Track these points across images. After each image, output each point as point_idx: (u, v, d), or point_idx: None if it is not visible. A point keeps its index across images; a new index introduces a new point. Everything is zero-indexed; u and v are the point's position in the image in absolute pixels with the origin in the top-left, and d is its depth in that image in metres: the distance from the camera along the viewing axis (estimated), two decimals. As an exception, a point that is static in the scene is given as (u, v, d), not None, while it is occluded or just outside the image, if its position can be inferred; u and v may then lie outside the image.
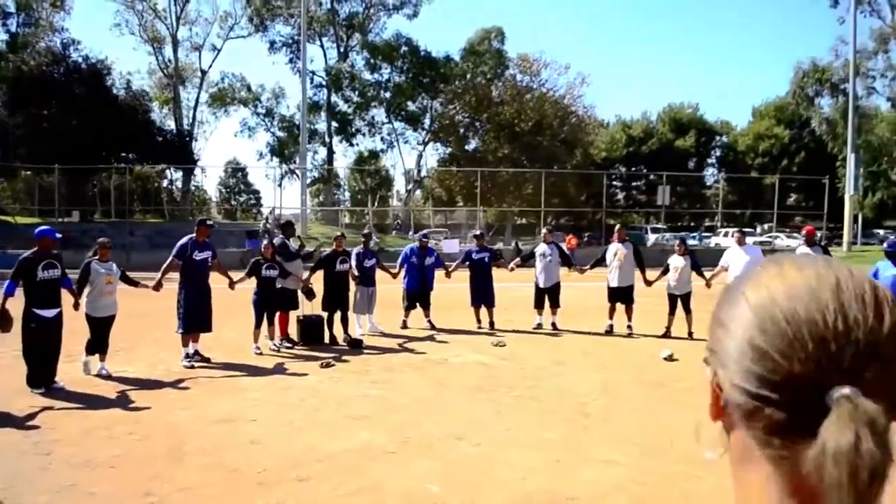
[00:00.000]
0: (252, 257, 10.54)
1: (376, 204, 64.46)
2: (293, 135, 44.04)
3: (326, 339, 10.75)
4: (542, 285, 12.50)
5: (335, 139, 43.97)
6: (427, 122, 44.62)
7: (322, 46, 43.68)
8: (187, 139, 42.42)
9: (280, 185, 44.13)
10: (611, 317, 12.29)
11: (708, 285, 11.91)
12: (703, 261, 12.35)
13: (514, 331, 12.15)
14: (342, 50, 43.66)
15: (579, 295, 14.87)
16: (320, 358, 9.56)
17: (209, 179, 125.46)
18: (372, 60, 41.69)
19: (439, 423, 6.55)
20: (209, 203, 60.36)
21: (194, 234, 9.41)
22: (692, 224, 55.95)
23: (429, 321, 12.36)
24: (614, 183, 58.15)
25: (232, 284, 9.81)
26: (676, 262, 11.89)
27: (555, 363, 9.59)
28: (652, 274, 12.18)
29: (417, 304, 12.45)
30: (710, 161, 64.47)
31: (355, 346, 10.42)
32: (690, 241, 36.76)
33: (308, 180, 48.01)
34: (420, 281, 12.37)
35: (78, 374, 8.32)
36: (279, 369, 8.97)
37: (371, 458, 5.58)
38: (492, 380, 8.45)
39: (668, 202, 36.51)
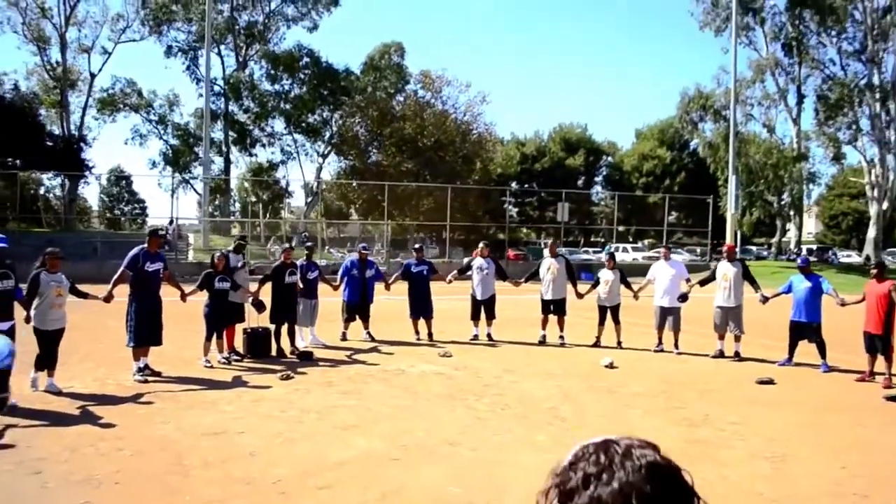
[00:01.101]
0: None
1: (268, 216, 63.30)
2: (188, 143, 42.67)
3: (273, 352, 10.65)
4: (479, 297, 12.85)
5: (234, 149, 42.98)
6: (327, 134, 44.36)
7: (220, 54, 42.61)
8: (76, 146, 40.22)
9: (174, 195, 42.59)
10: (543, 327, 12.78)
11: (636, 297, 12.67)
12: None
13: (451, 342, 12.42)
14: (241, 59, 42.79)
15: (508, 307, 15.33)
16: (273, 370, 9.50)
17: (91, 187, 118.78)
18: (272, 71, 41.08)
19: (428, 430, 6.72)
20: (90, 212, 57.28)
21: (146, 245, 9.15)
22: (581, 239, 58.42)
23: (368, 333, 12.45)
24: (509, 199, 59.71)
25: (184, 297, 9.58)
26: (606, 275, 12.55)
27: (506, 372, 9.92)
28: (582, 287, 12.82)
29: (357, 317, 12.51)
30: (597, 179, 67.35)
31: (305, 358, 10.39)
32: (583, 256, 38.65)
33: (201, 190, 46.74)
34: (360, 293, 12.44)
35: (26, 391, 7.92)
36: (239, 382, 8.85)
37: (378, 464, 5.69)
38: (456, 389, 8.67)
39: (567, 218, 37.93)
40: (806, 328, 10.73)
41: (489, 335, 12.81)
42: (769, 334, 12.64)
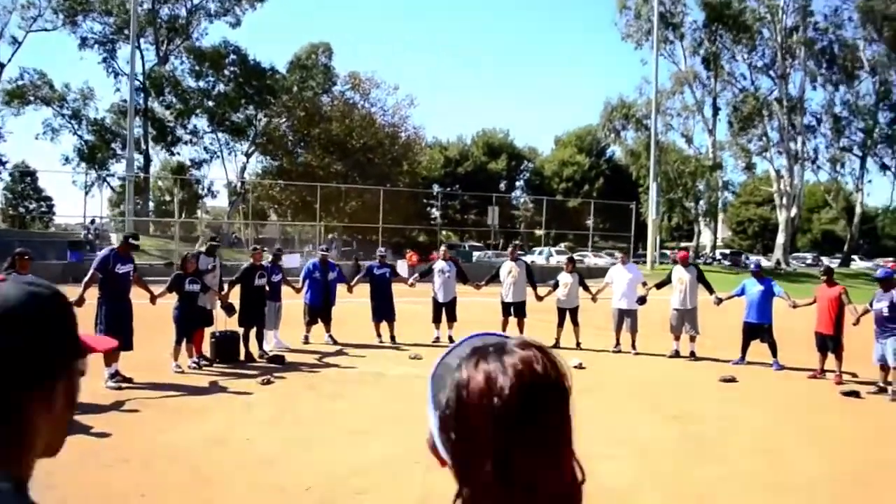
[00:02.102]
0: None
1: (183, 215, 61.46)
2: (104, 140, 40.91)
3: (242, 356, 10.40)
4: (440, 300, 12.91)
5: (155, 146, 41.48)
6: (252, 133, 43.40)
7: (139, 48, 41.03)
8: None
9: (87, 193, 40.65)
10: (504, 329, 12.94)
11: (594, 299, 12.99)
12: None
13: (414, 344, 12.41)
14: (161, 53, 41.34)
15: (468, 309, 15.42)
16: (247, 375, 9.30)
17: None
18: (197, 67, 39.89)
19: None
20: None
21: (116, 246, 8.79)
22: (503, 242, 59.26)
23: (329, 336, 12.32)
24: (438, 203, 60.06)
25: (153, 299, 9.25)
26: (565, 278, 12.84)
27: (478, 375, 10.00)
28: (541, 290, 13.07)
29: (318, 319, 12.36)
30: (518, 184, 68.48)
31: (277, 361, 10.19)
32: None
33: (119, 188, 44.95)
34: (322, 296, 12.29)
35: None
36: (218, 388, 8.61)
37: (404, 469, 5.65)
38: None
39: (497, 222, 38.43)
40: (758, 329, 11.29)
41: (450, 337, 12.85)
42: (720, 335, 13.19)
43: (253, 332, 10.59)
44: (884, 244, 76.46)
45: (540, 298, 12.94)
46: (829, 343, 10.27)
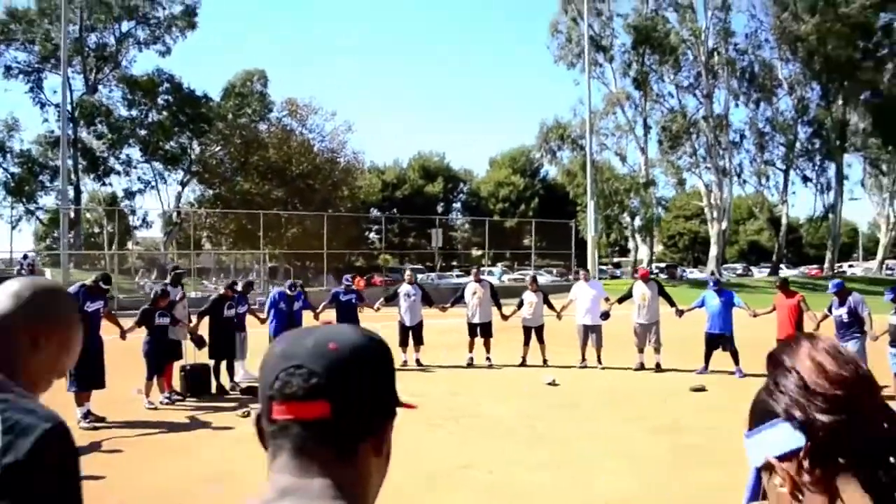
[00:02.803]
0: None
1: (114, 247, 59.57)
2: (32, 171, 39.44)
3: (213, 389, 10.16)
4: (407, 324, 12.89)
5: (85, 177, 40.19)
6: (187, 162, 42.57)
7: (67, 77, 39.83)
8: None
9: (14, 228, 39.01)
10: (471, 350, 13.02)
11: (559, 317, 13.18)
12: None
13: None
14: (90, 82, 40.22)
15: (433, 332, 15.44)
16: (223, 408, 9.09)
17: None
18: (130, 96, 38.94)
19: (432, 456, 6.71)
20: None
21: (87, 282, 8.50)
22: (443, 265, 59.51)
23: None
24: (383, 227, 59.88)
25: (123, 334, 8.97)
26: (530, 297, 13.01)
27: (453, 395, 10.05)
28: (506, 309, 13.21)
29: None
30: (455, 206, 68.99)
31: (252, 393, 9.97)
32: (454, 281, 39.38)
33: (47, 221, 43.41)
34: (287, 327, 12.09)
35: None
36: (198, 424, 8.38)
37: (414, 494, 5.63)
38: (426, 413, 8.67)
39: (441, 244, 38.61)
40: (720, 338, 11.68)
41: (418, 360, 12.87)
42: (683, 346, 13.53)
43: (223, 364, 10.36)
44: (805, 252, 80.00)
45: (505, 318, 13.09)
46: (790, 349, 10.67)
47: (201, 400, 9.71)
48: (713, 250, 44.93)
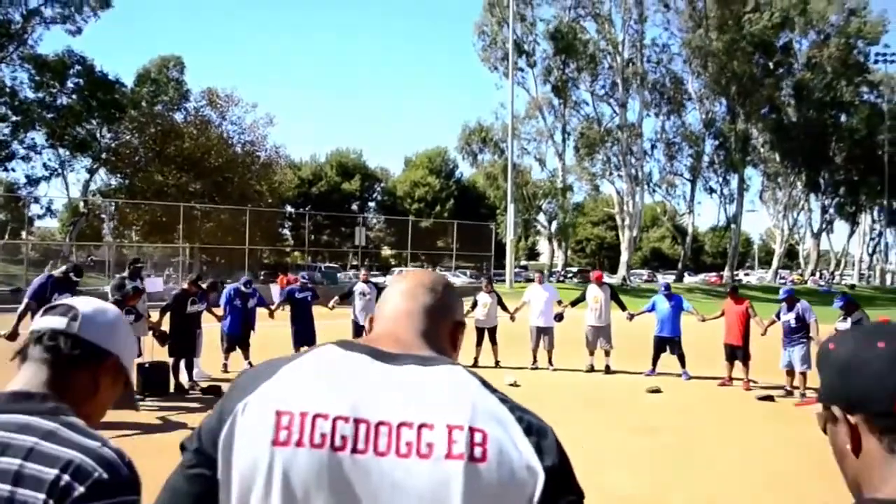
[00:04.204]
0: None
1: (6, 237, 56.24)
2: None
3: (172, 388, 9.78)
4: (361, 323, 12.76)
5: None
6: (97, 149, 40.55)
7: (-35, 54, 37.25)
8: None
9: None
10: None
11: (512, 318, 13.35)
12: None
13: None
14: (-9, 61, 37.71)
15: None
16: (189, 408, 8.77)
17: None
18: (37, 77, 36.73)
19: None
20: None
21: (55, 273, 8.05)
22: (355, 264, 59.01)
23: (249, 363, 11.84)
24: (285, 223, 58.78)
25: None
26: (484, 298, 13.16)
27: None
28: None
29: (237, 346, 11.85)
30: (371, 204, 68.61)
31: (214, 392, 9.66)
32: (375, 280, 39.09)
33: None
34: (242, 324, 11.80)
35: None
36: (173, 425, 8.04)
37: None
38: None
39: (364, 243, 38.36)
40: (669, 341, 12.15)
41: (371, 360, 12.77)
42: (629, 349, 13.98)
43: (182, 362, 9.99)
44: (703, 260, 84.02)
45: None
46: (738, 353, 11.24)
47: (160, 399, 9.34)
48: (624, 256, 46.53)
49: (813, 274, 60.45)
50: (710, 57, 46.53)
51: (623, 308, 12.87)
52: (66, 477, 1.15)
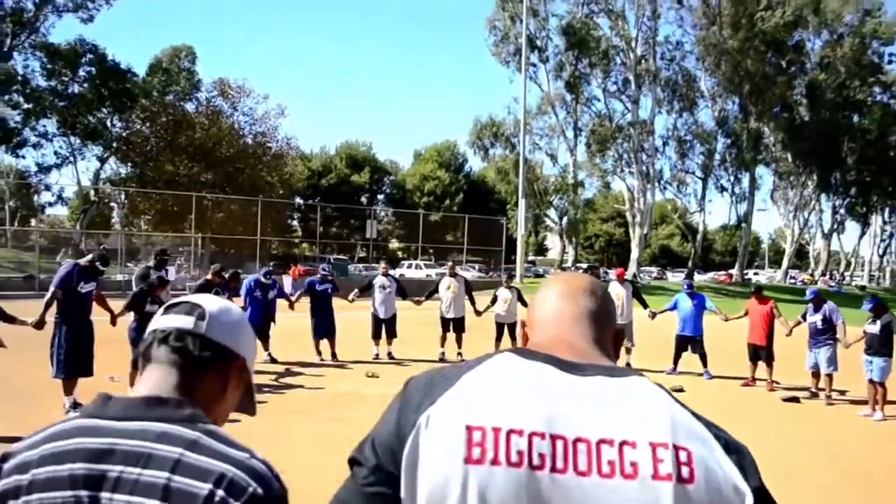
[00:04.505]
0: None
1: (16, 224, 56.48)
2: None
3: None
4: (381, 316, 12.71)
5: (-3, 149, 37.65)
6: (109, 138, 40.54)
7: (-21, 42, 37.23)
8: None
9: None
10: (442, 345, 12.94)
11: (477, 314, 13.13)
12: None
13: (355, 361, 12.16)
14: (5, 48, 37.69)
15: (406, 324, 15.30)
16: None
17: None
18: (49, 65, 36.72)
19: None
20: None
21: (81, 261, 7.99)
22: (363, 256, 59.00)
23: (269, 354, 11.83)
24: (295, 214, 58.77)
25: (114, 319, 8.48)
26: (504, 294, 13.07)
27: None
28: (479, 305, 13.21)
29: (257, 338, 11.79)
30: (380, 197, 68.54)
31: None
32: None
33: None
34: (262, 315, 11.75)
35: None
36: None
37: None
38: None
39: (375, 235, 38.33)
40: (691, 341, 12.06)
41: (390, 354, 12.73)
42: (650, 348, 13.89)
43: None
44: (712, 259, 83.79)
45: (479, 313, 13.08)
46: (762, 353, 11.14)
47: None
48: (634, 253, 46.33)
49: (823, 274, 60.16)
50: (723, 55, 46.21)
51: (645, 306, 12.77)
52: (220, 492, 1.05)
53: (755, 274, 67.21)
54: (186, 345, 1.26)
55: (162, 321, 1.31)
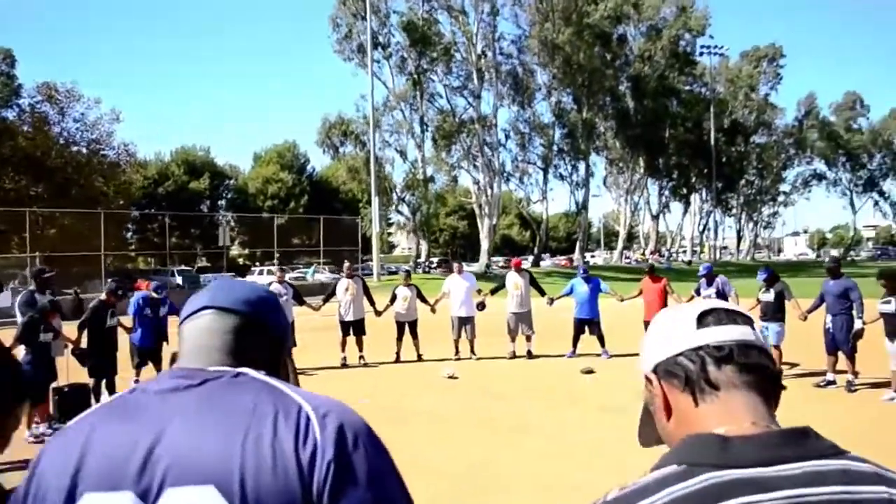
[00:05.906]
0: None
1: None
2: None
3: (94, 412, 8.81)
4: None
5: None
6: None
7: None
8: None
9: None
10: (343, 349, 12.64)
11: (433, 311, 13.18)
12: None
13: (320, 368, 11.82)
14: None
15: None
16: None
17: None
18: None
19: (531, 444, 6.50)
20: None
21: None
22: (210, 265, 56.33)
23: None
24: (128, 226, 55.04)
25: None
26: (404, 292, 12.96)
27: (369, 395, 9.74)
28: (379, 305, 13.01)
29: (149, 361, 10.86)
30: (221, 203, 65.67)
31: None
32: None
33: None
34: (154, 335, 10.82)
35: None
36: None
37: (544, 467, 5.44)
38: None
39: (228, 242, 36.68)
40: (588, 323, 12.51)
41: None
42: (547, 333, 14.22)
43: (103, 382, 9.03)
44: (549, 245, 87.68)
45: (379, 314, 12.91)
46: (659, 330, 11.74)
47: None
48: (484, 244, 47.52)
49: (653, 252, 64.69)
50: (556, 49, 48.43)
51: (542, 293, 13.10)
52: None
53: (592, 256, 71.07)
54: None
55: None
